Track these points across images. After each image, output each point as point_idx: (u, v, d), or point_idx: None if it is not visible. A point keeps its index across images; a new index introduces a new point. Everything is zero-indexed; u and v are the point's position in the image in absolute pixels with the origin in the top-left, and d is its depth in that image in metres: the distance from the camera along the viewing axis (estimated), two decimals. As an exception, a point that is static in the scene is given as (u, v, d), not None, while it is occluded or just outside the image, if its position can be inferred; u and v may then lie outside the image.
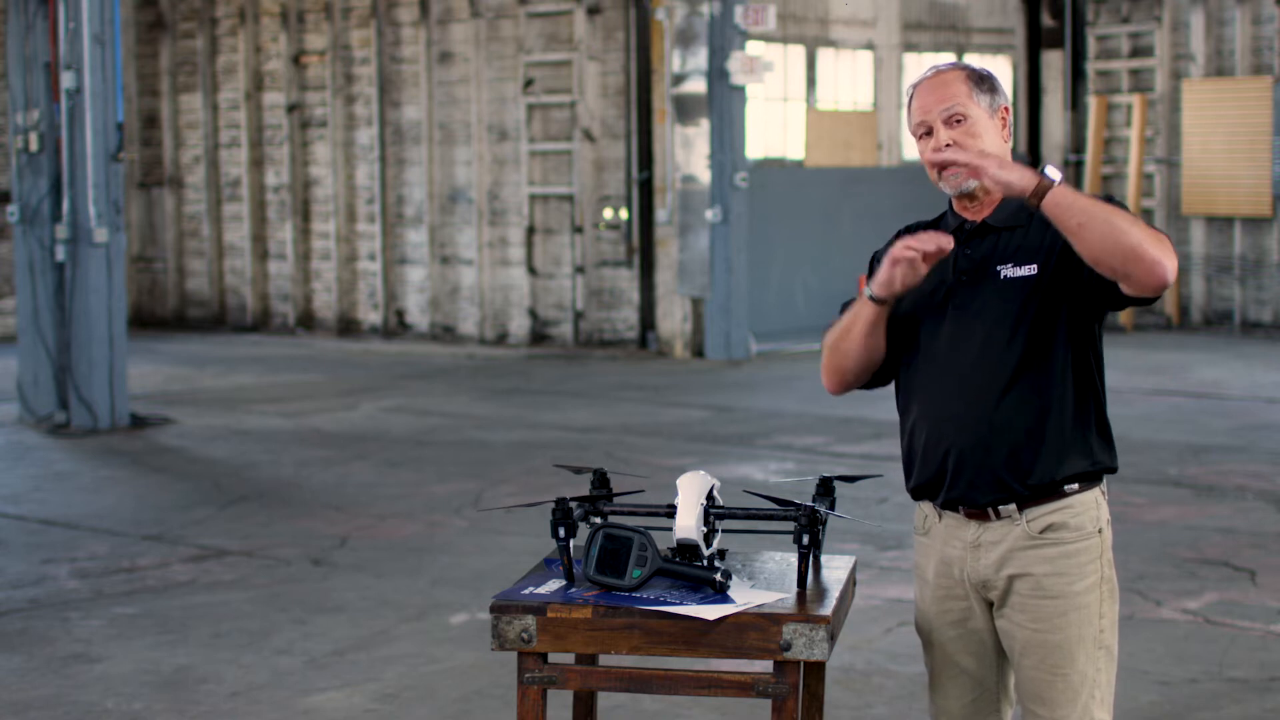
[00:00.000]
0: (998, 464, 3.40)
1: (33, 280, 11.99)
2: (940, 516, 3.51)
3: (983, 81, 3.44)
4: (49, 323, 11.95)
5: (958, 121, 3.40)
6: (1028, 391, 3.38)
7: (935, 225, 3.55)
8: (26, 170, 12.03)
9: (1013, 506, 3.42)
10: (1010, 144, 3.49)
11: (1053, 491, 3.41)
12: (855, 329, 3.48)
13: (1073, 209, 3.20)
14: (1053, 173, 3.22)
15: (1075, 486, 3.42)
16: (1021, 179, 3.22)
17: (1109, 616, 3.47)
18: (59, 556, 7.93)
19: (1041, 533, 3.42)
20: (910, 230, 3.56)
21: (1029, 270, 3.37)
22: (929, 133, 3.42)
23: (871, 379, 3.59)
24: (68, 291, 11.83)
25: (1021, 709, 3.52)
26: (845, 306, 3.58)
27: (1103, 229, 3.18)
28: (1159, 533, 8.20)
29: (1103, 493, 3.49)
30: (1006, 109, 3.47)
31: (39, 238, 11.95)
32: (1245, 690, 5.78)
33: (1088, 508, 3.44)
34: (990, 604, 3.49)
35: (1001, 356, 3.38)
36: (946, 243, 3.32)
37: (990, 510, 3.43)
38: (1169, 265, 3.18)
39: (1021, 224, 3.42)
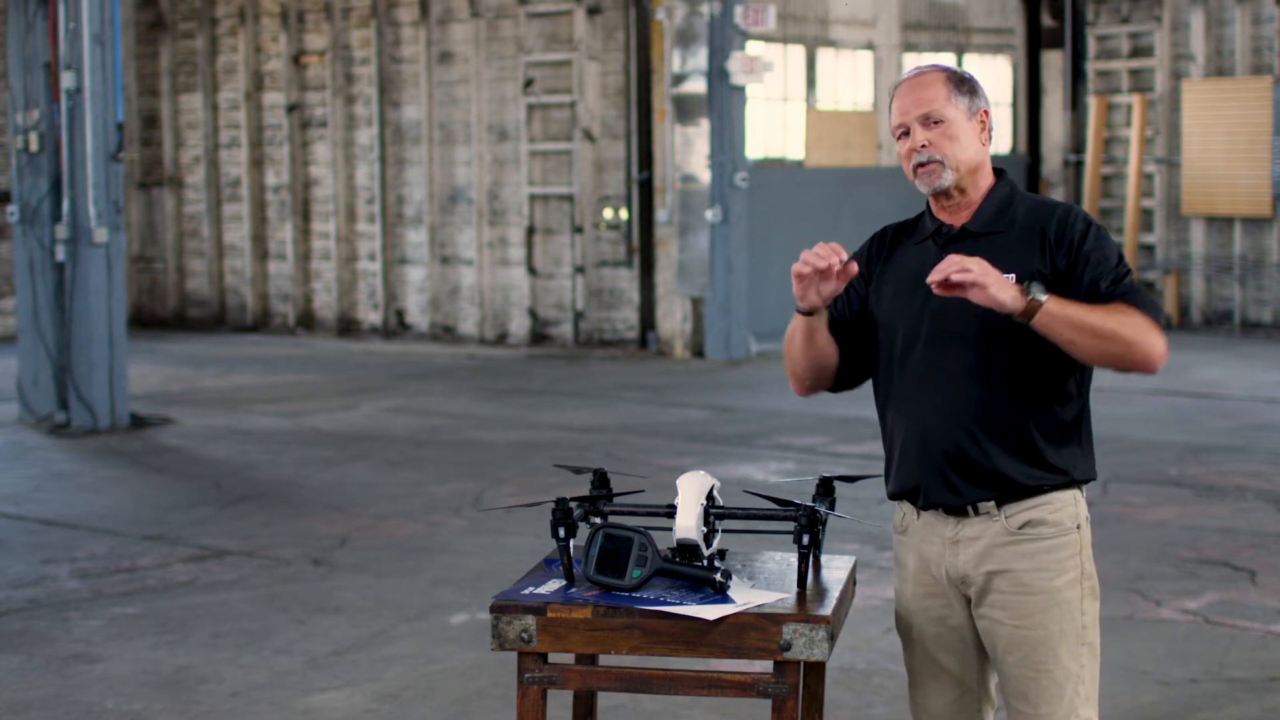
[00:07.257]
0: (971, 470, 3.43)
1: (33, 280, 12.00)
2: (919, 514, 3.53)
3: (962, 84, 3.48)
4: (49, 323, 11.95)
5: (935, 123, 3.43)
6: (1001, 399, 3.40)
7: (914, 226, 3.60)
8: (26, 170, 12.03)
9: (991, 504, 3.44)
10: (990, 147, 3.51)
11: (1029, 491, 3.44)
12: (795, 338, 3.54)
13: (1061, 324, 3.29)
14: (1038, 292, 3.28)
15: (1052, 485, 3.45)
16: (1014, 301, 3.27)
17: (1090, 613, 3.48)
18: (59, 556, 7.93)
19: (1020, 529, 3.44)
20: (889, 230, 3.64)
21: None
22: (907, 133, 3.46)
23: (836, 382, 3.62)
24: (68, 291, 11.83)
25: (1006, 708, 3.53)
26: None
27: (1090, 342, 3.30)
28: (1159, 533, 8.20)
29: (1082, 490, 3.51)
30: (986, 112, 3.49)
31: (39, 238, 11.95)
32: (1245, 690, 5.78)
33: (1066, 504, 3.46)
34: (969, 600, 3.51)
35: (975, 364, 3.40)
36: (848, 265, 3.36)
37: (969, 507, 3.46)
38: (1157, 356, 3.33)
39: (1001, 229, 3.45)
